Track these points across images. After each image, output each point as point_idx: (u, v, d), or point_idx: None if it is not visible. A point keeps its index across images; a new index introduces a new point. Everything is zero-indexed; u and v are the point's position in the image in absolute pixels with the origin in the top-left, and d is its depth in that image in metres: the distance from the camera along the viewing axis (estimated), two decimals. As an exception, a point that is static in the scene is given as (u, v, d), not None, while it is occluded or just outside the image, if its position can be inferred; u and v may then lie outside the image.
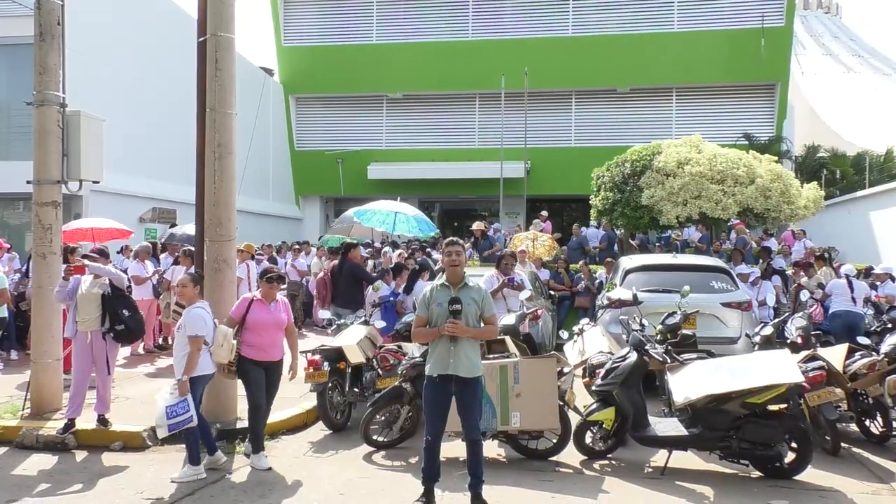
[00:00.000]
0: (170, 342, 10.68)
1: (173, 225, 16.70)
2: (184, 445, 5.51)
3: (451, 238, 5.01)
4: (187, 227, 13.72)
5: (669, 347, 6.15)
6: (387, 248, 12.99)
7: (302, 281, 13.69)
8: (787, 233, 16.72)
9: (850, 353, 6.57)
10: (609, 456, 5.88)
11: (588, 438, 5.91)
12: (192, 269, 7.32)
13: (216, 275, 6.67)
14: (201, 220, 6.76)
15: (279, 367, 5.93)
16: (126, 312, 6.45)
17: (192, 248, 10.17)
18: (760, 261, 12.53)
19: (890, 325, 8.13)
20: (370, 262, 12.12)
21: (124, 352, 10.25)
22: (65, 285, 6.47)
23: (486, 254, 14.16)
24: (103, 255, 6.75)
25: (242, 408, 7.17)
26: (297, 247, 14.65)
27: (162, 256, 12.52)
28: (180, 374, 5.48)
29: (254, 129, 15.91)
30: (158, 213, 17.65)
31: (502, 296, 7.90)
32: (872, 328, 8.55)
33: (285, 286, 13.74)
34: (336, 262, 9.83)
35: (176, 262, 11.51)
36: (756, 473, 5.52)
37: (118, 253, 13.05)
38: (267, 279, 5.82)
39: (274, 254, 14.90)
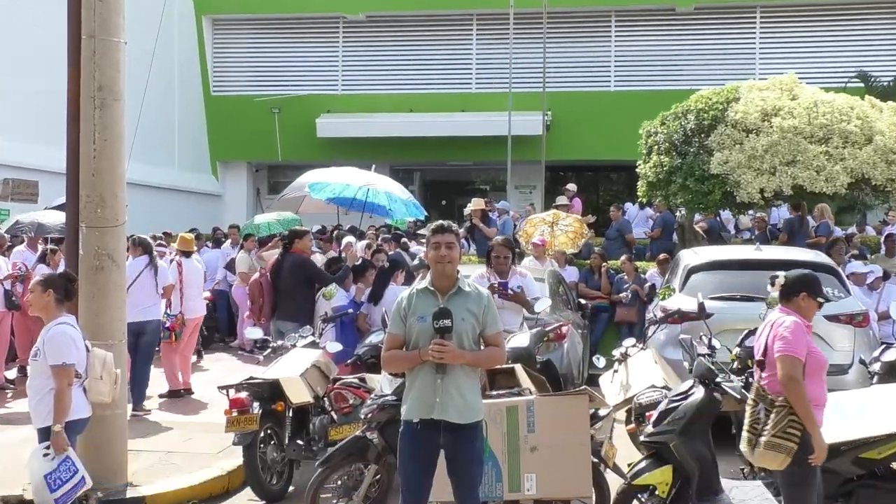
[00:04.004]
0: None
1: (30, 198, 16.54)
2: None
3: (438, 222, 5.00)
4: (48, 213, 13.61)
5: (751, 379, 6.16)
6: (349, 238, 12.96)
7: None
8: None
9: None
10: (664, 535, 5.87)
11: (635, 510, 5.92)
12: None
13: (96, 276, 6.65)
14: (75, 196, 6.73)
15: None
16: None
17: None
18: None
19: None
20: (319, 257, 12.09)
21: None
22: None
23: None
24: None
25: (134, 469, 7.15)
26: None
27: (19, 249, 12.41)
28: (39, 422, 5.44)
29: (151, 65, 15.69)
30: (13, 187, 17.46)
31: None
32: None
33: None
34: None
35: (43, 260, 11.42)
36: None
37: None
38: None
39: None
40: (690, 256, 9.68)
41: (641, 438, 6.09)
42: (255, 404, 6.91)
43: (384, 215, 12.56)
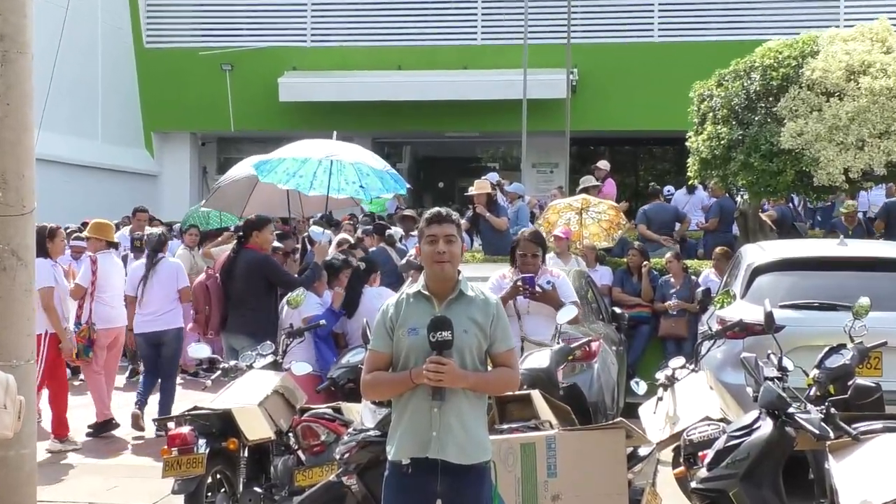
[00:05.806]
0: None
1: None
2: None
3: (434, 210, 5.00)
4: None
5: (833, 410, 6.17)
6: (317, 230, 12.95)
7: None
8: None
9: None
10: None
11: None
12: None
13: (-4, 278, 6.63)
14: (-31, 176, 6.71)
15: None
16: None
17: None
18: None
19: None
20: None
21: None
22: None
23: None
24: None
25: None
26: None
27: None
28: None
29: (67, 8, 15.73)
30: None
31: (515, 312, 7.92)
32: None
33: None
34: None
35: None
36: None
37: None
38: None
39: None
40: (755, 253, 9.67)
41: (693, 485, 6.08)
42: (201, 442, 6.88)
43: (356, 195, 12.24)
